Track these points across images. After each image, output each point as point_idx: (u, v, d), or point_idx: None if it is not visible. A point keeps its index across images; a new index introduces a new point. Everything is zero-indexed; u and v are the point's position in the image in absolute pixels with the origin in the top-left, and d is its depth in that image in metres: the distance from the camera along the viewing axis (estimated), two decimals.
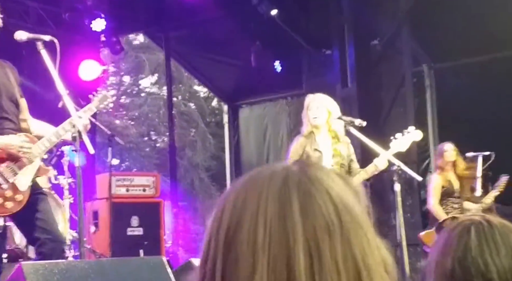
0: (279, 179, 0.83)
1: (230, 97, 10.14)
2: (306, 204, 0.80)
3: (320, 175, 0.84)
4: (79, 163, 3.97)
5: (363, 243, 0.82)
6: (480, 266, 1.34)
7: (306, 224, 0.79)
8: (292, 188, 0.82)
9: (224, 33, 8.57)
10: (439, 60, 8.24)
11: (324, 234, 0.79)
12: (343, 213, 0.81)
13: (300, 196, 0.81)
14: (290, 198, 0.81)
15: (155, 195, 7.29)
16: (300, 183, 0.82)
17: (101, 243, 6.56)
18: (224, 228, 0.82)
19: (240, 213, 0.82)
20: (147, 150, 17.40)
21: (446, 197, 6.13)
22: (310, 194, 0.81)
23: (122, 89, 17.54)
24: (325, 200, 0.81)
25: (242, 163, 9.92)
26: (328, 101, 4.95)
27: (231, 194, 0.86)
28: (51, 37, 3.96)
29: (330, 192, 0.82)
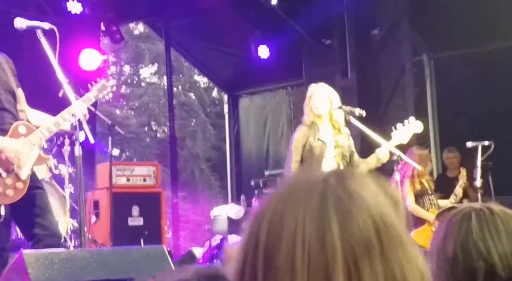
0: (317, 195, 0.80)
1: (230, 87, 10.13)
2: (345, 223, 0.78)
3: (359, 188, 0.81)
4: (79, 152, 3.98)
5: (402, 260, 0.79)
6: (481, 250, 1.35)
7: (345, 245, 0.77)
8: (331, 206, 0.79)
9: (224, 23, 8.55)
10: (439, 50, 8.23)
11: (363, 255, 0.77)
12: (382, 231, 0.79)
13: (339, 215, 0.78)
14: (329, 217, 0.78)
15: (155, 185, 7.30)
16: (339, 200, 0.80)
17: (102, 232, 6.58)
18: (262, 245, 0.80)
19: (278, 232, 0.79)
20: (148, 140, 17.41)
21: (421, 196, 6.15)
22: (349, 212, 0.79)
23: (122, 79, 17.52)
24: (364, 219, 0.79)
25: (242, 153, 9.93)
26: (330, 91, 4.97)
27: (267, 206, 0.83)
28: (50, 25, 3.95)
29: (370, 209, 0.80)
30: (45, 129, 3.90)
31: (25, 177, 3.79)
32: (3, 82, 3.89)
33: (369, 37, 7.80)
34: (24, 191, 3.78)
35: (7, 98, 3.89)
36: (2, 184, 3.71)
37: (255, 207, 0.85)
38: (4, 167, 3.73)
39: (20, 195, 3.76)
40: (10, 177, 3.74)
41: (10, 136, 3.81)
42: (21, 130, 3.85)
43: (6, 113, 3.85)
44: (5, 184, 3.72)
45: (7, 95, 3.90)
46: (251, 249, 0.81)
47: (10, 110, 3.88)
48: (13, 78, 3.98)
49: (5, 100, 3.86)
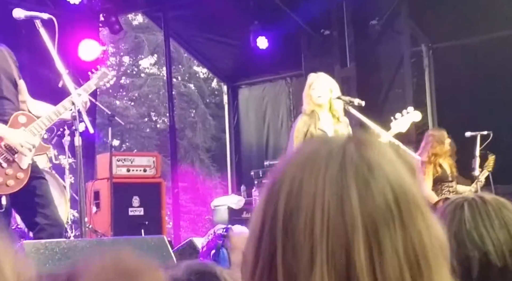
0: (336, 163, 0.80)
1: (230, 78, 10.12)
2: (364, 191, 0.78)
3: (377, 156, 0.81)
4: (79, 142, 3.99)
5: (422, 228, 0.79)
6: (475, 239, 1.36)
7: (365, 212, 0.77)
8: (350, 175, 0.79)
9: (224, 13, 8.53)
10: (437, 40, 8.23)
11: (382, 223, 0.77)
12: (401, 199, 0.79)
13: (358, 183, 0.78)
14: (348, 185, 0.78)
15: (155, 175, 7.31)
16: (357, 169, 0.79)
17: (103, 223, 6.60)
18: (281, 213, 0.80)
19: (297, 199, 0.79)
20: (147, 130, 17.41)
21: (440, 182, 6.13)
22: (368, 181, 0.78)
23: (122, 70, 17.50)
24: (383, 187, 0.78)
25: (242, 144, 9.94)
26: (330, 80, 4.99)
27: (286, 173, 0.82)
28: (49, 15, 3.95)
29: (389, 177, 0.79)
30: (45, 118, 3.91)
31: (26, 167, 3.80)
32: (6, 72, 3.90)
33: (368, 28, 7.78)
34: (25, 181, 3.79)
35: (9, 88, 3.90)
36: (3, 174, 3.72)
37: (272, 173, 0.84)
38: (4, 157, 3.75)
39: (21, 185, 3.77)
40: (10, 167, 3.75)
41: (10, 126, 3.82)
42: (21, 120, 3.86)
43: (7, 103, 3.86)
44: (6, 174, 3.73)
45: (9, 85, 3.90)
46: (269, 216, 0.81)
47: (12, 100, 3.89)
48: (16, 70, 3.99)
49: (6, 90, 3.87)
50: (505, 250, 1.35)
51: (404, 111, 5.00)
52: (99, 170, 7.21)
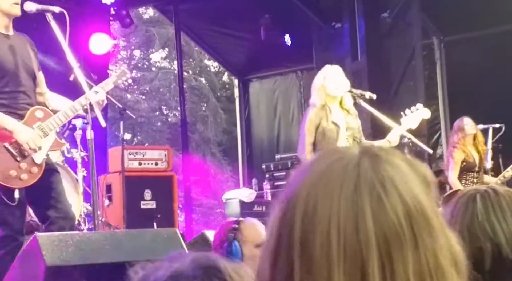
0: (352, 182, 0.80)
1: (241, 71, 10.12)
2: (378, 211, 0.78)
3: (391, 172, 0.80)
4: (91, 135, 4.01)
5: (435, 247, 0.79)
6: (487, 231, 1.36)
7: (378, 231, 0.77)
8: (365, 194, 0.79)
9: (234, 7, 8.53)
10: (449, 33, 8.19)
11: (395, 243, 0.77)
12: (414, 216, 0.79)
13: (372, 202, 0.78)
14: (363, 204, 0.78)
15: (167, 169, 7.33)
16: (372, 186, 0.79)
17: (115, 216, 6.64)
18: (297, 234, 0.80)
19: (313, 220, 0.79)
20: (159, 124, 17.44)
21: (466, 172, 6.12)
22: (382, 199, 0.78)
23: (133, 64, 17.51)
24: (396, 205, 0.78)
25: (253, 137, 9.95)
26: (343, 73, 4.98)
27: (301, 192, 0.82)
28: (60, 8, 3.95)
29: (402, 194, 0.79)
30: (62, 114, 3.91)
31: (40, 162, 3.80)
32: (25, 65, 3.88)
33: (379, 20, 7.75)
34: (39, 175, 3.80)
35: (27, 82, 3.88)
36: (17, 168, 3.73)
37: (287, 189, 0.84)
38: (19, 150, 3.78)
39: (34, 179, 3.78)
40: (25, 161, 3.76)
41: (26, 120, 3.83)
42: (38, 114, 3.87)
43: (24, 96, 3.85)
44: (20, 168, 3.74)
45: (28, 78, 3.89)
46: (285, 236, 0.81)
47: (28, 94, 3.88)
48: (36, 62, 3.98)
49: (24, 83, 3.86)
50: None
51: (413, 107, 4.99)
52: (111, 164, 7.23)
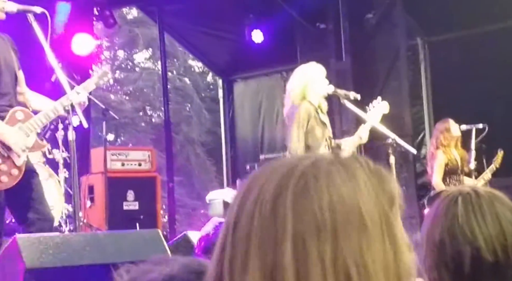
0: (283, 170, 0.80)
1: (225, 71, 10.10)
2: (300, 199, 0.77)
3: (330, 167, 0.79)
4: (73, 136, 3.96)
5: (362, 245, 0.77)
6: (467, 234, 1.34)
7: (296, 220, 0.76)
8: (291, 180, 0.78)
9: (218, 7, 8.50)
10: (433, 34, 8.21)
11: (312, 233, 0.76)
12: (340, 212, 0.77)
13: (296, 190, 0.77)
14: (286, 190, 0.77)
15: (150, 170, 7.32)
16: (301, 175, 0.78)
17: (97, 217, 6.60)
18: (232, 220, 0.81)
19: (242, 203, 0.80)
20: (143, 125, 17.38)
21: (450, 174, 6.13)
22: (307, 188, 0.77)
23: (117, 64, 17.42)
24: (321, 196, 0.77)
25: (238, 138, 9.94)
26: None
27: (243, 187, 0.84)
28: (42, 9, 3.91)
29: (330, 188, 0.77)
30: (43, 115, 3.88)
31: (20, 164, 3.77)
32: (7, 65, 3.84)
33: (363, 21, 7.77)
34: (19, 177, 3.76)
35: (9, 82, 3.85)
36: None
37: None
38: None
39: (14, 181, 3.74)
40: (5, 163, 3.72)
41: (8, 121, 3.78)
42: (19, 116, 3.83)
43: (5, 98, 3.81)
44: (0, 170, 3.70)
45: (9, 78, 3.86)
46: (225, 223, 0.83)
47: (10, 94, 3.84)
48: (16, 61, 3.94)
49: (6, 84, 3.82)
50: (497, 245, 1.32)
51: (374, 101, 4.96)
52: (94, 164, 7.19)
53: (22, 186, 3.79)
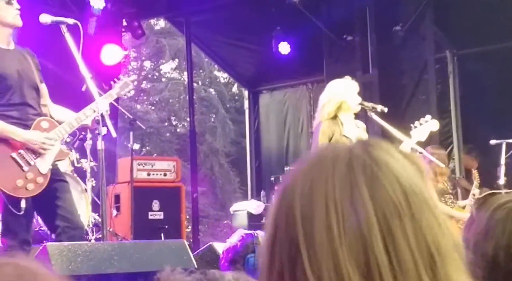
0: (343, 162, 0.82)
1: (251, 83, 10.14)
2: (374, 188, 0.80)
3: (384, 156, 0.83)
4: (102, 146, 4.01)
5: (434, 225, 0.80)
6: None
7: (377, 209, 0.78)
8: (358, 172, 0.80)
9: (246, 19, 8.55)
10: (462, 47, 8.16)
11: (394, 217, 0.78)
12: (411, 195, 0.80)
13: (367, 180, 0.80)
14: (358, 183, 0.80)
15: (175, 180, 7.33)
16: (365, 166, 0.81)
17: (123, 226, 6.63)
18: (298, 217, 0.81)
19: (310, 202, 0.81)
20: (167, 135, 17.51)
21: (443, 194, 6.09)
22: (377, 177, 0.80)
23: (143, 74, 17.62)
24: (392, 183, 0.80)
25: (262, 149, 9.95)
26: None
27: (295, 181, 0.84)
28: (74, 20, 4.00)
29: (396, 174, 0.81)
30: (67, 125, 3.94)
31: (46, 171, 3.82)
32: (28, 77, 3.92)
33: (391, 33, 7.74)
34: (44, 185, 3.81)
35: (31, 94, 3.92)
36: (23, 177, 3.74)
37: (283, 180, 0.87)
38: (25, 160, 3.78)
39: (40, 189, 3.79)
40: (31, 171, 3.77)
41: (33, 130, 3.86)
42: (44, 125, 3.89)
43: (30, 109, 3.88)
44: (26, 177, 3.75)
45: (31, 91, 3.93)
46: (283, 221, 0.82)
47: (34, 106, 3.91)
48: (37, 74, 4.01)
49: (29, 96, 3.89)
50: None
51: (422, 119, 4.94)
52: (120, 174, 7.24)
53: (49, 194, 3.84)
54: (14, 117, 3.80)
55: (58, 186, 3.92)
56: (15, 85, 3.84)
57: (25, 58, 3.98)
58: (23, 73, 3.90)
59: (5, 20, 3.86)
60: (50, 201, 3.86)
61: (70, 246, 3.40)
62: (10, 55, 3.91)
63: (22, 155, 3.77)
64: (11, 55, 3.92)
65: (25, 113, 3.85)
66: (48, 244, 3.42)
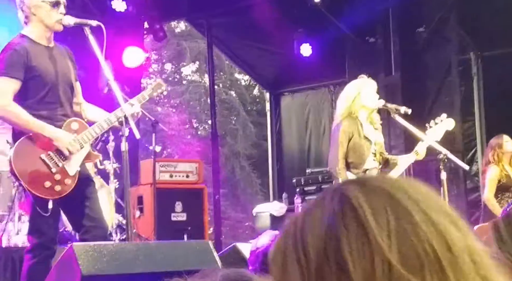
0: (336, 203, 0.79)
1: (272, 85, 10.15)
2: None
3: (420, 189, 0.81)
4: (125, 148, 4.03)
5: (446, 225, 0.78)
6: None
7: None
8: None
9: (267, 21, 8.56)
10: (486, 48, 8.08)
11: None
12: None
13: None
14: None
15: (198, 181, 7.38)
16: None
17: (146, 227, 6.68)
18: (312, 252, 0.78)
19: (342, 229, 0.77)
20: (188, 137, 17.59)
21: (502, 192, 5.99)
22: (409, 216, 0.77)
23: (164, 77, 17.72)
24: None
25: (284, 151, 9.96)
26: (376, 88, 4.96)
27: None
28: (98, 22, 4.00)
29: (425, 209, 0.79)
30: (97, 127, 3.95)
31: (74, 173, 3.84)
32: (64, 75, 3.95)
33: (414, 35, 7.72)
34: (72, 186, 3.83)
35: (66, 93, 3.95)
36: (52, 179, 3.77)
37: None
38: (54, 162, 3.81)
39: (67, 190, 3.81)
40: (59, 172, 3.80)
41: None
42: (74, 126, 3.92)
43: (61, 109, 3.91)
44: (54, 179, 3.78)
45: (67, 90, 3.96)
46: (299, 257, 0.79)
47: (65, 106, 3.94)
48: (73, 72, 4.05)
49: (63, 95, 3.92)
50: None
51: (438, 118, 4.91)
52: (143, 175, 7.30)
53: (77, 193, 3.86)
54: (44, 117, 3.82)
55: (86, 186, 3.95)
56: (51, 84, 3.87)
57: (64, 57, 4.01)
58: (61, 71, 3.93)
59: (47, 22, 3.89)
60: (77, 200, 3.89)
61: (96, 246, 3.42)
62: (49, 53, 3.94)
63: (51, 156, 3.79)
64: (50, 53, 3.94)
65: (55, 113, 3.87)
66: (74, 244, 3.43)
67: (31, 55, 3.84)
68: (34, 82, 3.83)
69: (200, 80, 17.50)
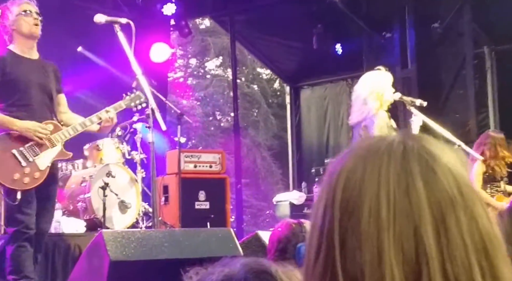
0: (399, 153, 0.81)
1: (292, 78, 10.29)
2: (429, 179, 0.79)
3: (436, 150, 0.83)
4: (152, 138, 4.28)
5: (484, 216, 0.80)
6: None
7: (431, 199, 0.78)
8: (413, 164, 0.80)
9: (288, 17, 8.73)
10: (500, 42, 8.15)
11: (449, 208, 0.78)
12: (463, 187, 0.80)
13: (422, 171, 0.80)
14: (413, 173, 0.79)
15: (221, 171, 7.51)
16: (420, 158, 0.81)
17: (171, 215, 6.85)
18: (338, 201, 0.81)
19: (360, 188, 0.80)
20: (212, 129, 17.83)
21: (490, 182, 6.10)
22: (433, 169, 0.80)
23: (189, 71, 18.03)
24: (446, 175, 0.80)
25: (303, 142, 10.10)
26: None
27: (345, 165, 0.83)
28: (127, 19, 4.23)
29: (450, 166, 0.81)
30: (71, 128, 4.30)
31: (43, 168, 4.16)
32: (40, 83, 4.24)
33: (430, 30, 7.80)
34: (41, 180, 4.14)
35: (42, 99, 4.25)
36: (21, 172, 4.08)
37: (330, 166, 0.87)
38: (24, 156, 4.11)
39: (35, 183, 4.12)
40: (29, 166, 4.11)
41: None
42: (49, 128, 4.23)
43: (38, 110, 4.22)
44: (24, 172, 4.09)
45: (43, 96, 4.26)
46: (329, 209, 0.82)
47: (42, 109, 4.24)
48: (54, 84, 4.33)
49: (36, 99, 4.21)
50: None
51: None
52: (168, 166, 7.44)
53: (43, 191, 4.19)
54: (22, 118, 4.14)
55: (52, 183, 4.29)
56: (22, 89, 4.16)
57: (45, 70, 4.31)
58: (34, 80, 4.21)
59: (24, 30, 4.19)
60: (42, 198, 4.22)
61: (124, 233, 3.63)
62: (27, 63, 4.23)
63: (22, 152, 4.11)
64: (29, 63, 4.24)
65: (33, 114, 4.17)
66: (103, 230, 3.66)
67: (7, 63, 4.15)
68: (7, 87, 4.14)
69: (224, 74, 17.70)
